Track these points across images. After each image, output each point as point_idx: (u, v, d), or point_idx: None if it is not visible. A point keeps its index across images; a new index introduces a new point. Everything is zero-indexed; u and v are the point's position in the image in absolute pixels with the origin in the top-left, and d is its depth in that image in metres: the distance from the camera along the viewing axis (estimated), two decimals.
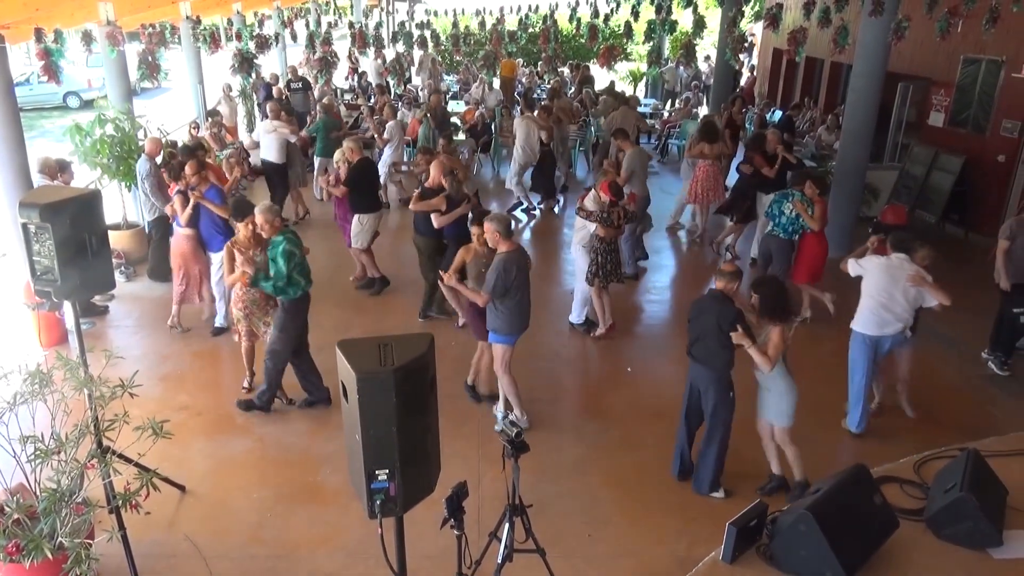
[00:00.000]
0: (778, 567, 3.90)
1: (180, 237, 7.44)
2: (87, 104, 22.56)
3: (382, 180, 10.78)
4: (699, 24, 9.87)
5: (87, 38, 7.79)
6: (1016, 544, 4.21)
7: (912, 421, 6.29)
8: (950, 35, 8.95)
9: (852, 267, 6.06)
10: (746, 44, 9.47)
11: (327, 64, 11.85)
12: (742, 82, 19.75)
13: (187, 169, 7.26)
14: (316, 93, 15.52)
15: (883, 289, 5.77)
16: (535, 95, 14.67)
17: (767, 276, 5.66)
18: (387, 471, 2.59)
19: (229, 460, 5.69)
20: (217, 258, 7.31)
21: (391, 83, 17.39)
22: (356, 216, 8.34)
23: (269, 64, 17.76)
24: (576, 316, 7.95)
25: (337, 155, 8.67)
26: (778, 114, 14.82)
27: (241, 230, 6.11)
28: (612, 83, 17.90)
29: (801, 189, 7.70)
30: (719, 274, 5.21)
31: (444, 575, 3.92)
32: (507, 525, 3.77)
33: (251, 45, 10.08)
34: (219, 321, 7.66)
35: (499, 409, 6.10)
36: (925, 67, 11.97)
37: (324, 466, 5.55)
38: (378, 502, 2.61)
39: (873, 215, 10.46)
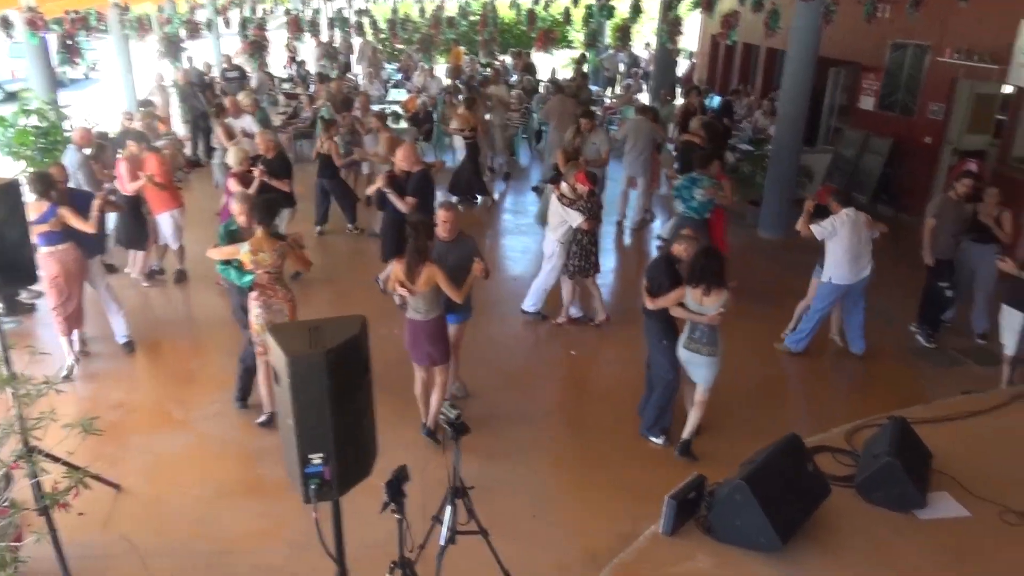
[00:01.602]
0: (716, 537, 4.00)
1: (61, 252, 6.14)
2: (11, 96, 21.63)
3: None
4: (635, 9, 9.96)
5: (5, 24, 7.48)
6: (939, 505, 4.41)
7: (844, 392, 6.51)
8: (877, 20, 9.23)
9: (819, 231, 6.54)
10: (681, 29, 9.57)
11: (259, 48, 11.57)
12: (681, 70, 20.03)
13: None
14: (253, 82, 15.21)
15: (854, 240, 6.52)
16: (476, 83, 14.61)
17: (710, 246, 5.81)
18: (322, 455, 2.56)
19: (167, 457, 5.56)
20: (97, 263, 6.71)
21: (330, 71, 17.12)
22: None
23: (204, 53, 17.35)
24: (532, 304, 7.81)
25: (233, 156, 7.85)
26: (717, 100, 15.06)
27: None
28: (553, 70, 17.98)
29: (708, 172, 7.88)
30: (679, 237, 5.47)
31: (388, 562, 3.90)
32: (449, 507, 3.78)
33: (181, 31, 9.81)
34: (122, 337, 6.93)
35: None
36: (855, 52, 12.30)
37: (266, 459, 5.47)
38: (313, 487, 2.59)
39: (807, 196, 10.75)
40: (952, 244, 7.19)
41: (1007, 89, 10.10)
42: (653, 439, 5.69)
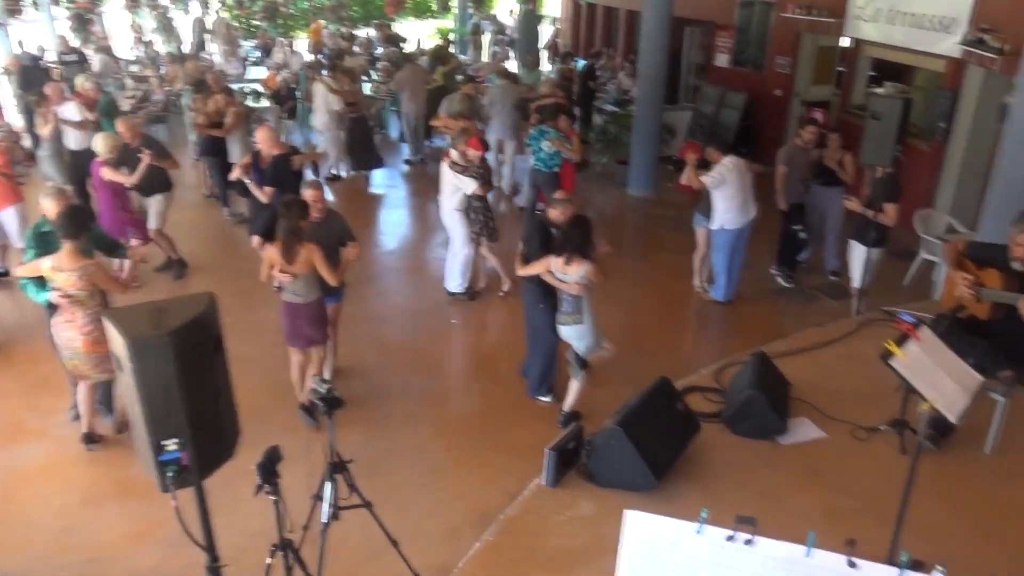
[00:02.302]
0: (597, 483, 4.14)
1: None
2: None
3: None
4: None
5: None
6: (799, 430, 4.73)
7: (712, 335, 6.81)
8: None
9: (709, 180, 6.72)
10: None
11: (82, 21, 10.68)
12: (547, 36, 20.19)
13: None
14: (95, 65, 14.16)
15: (741, 185, 6.79)
16: (332, 57, 14.20)
17: (581, 216, 5.90)
18: (177, 440, 2.44)
19: (25, 469, 5.17)
20: None
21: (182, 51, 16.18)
22: (154, 197, 7.71)
23: (37, 36, 15.99)
24: (458, 284, 7.55)
25: (101, 143, 7.19)
26: (581, 63, 15.28)
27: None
28: (419, 41, 17.71)
29: (555, 125, 8.05)
30: (554, 202, 5.48)
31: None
32: (328, 484, 3.71)
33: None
34: None
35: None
36: (708, 11, 12.77)
37: (136, 459, 5.17)
38: (170, 474, 2.47)
39: (672, 153, 11.15)
40: (802, 189, 7.64)
41: (844, 42, 10.76)
42: (541, 398, 5.76)
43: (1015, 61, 5.54)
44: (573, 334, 5.11)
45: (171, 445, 2.45)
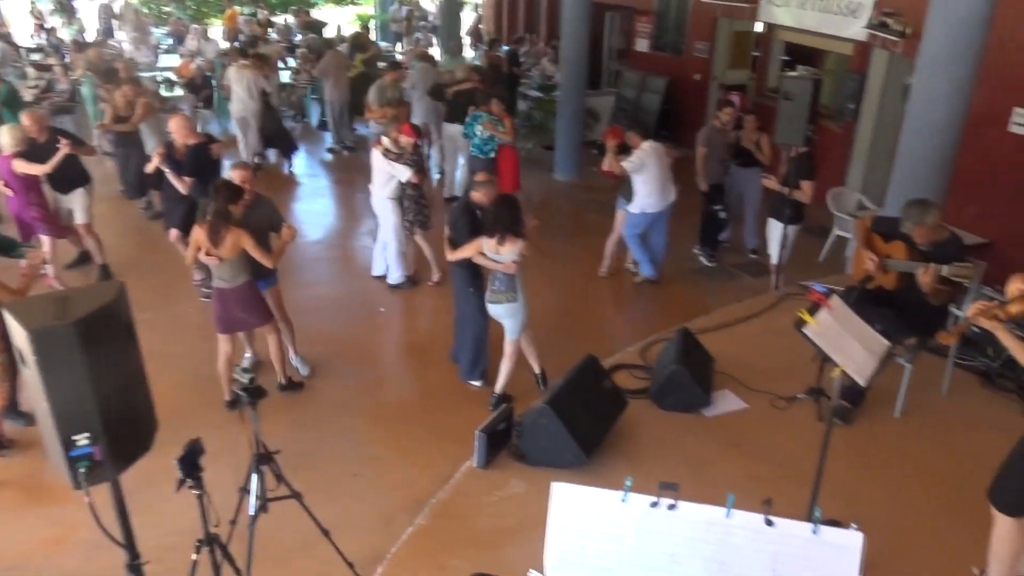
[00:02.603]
0: (528, 462, 4.18)
1: None
2: None
3: None
4: None
5: None
6: (722, 402, 4.87)
7: (639, 314, 6.93)
8: None
9: (629, 165, 6.78)
10: None
11: None
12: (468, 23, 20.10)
13: None
14: None
15: (660, 169, 6.88)
16: (245, 44, 13.81)
17: (506, 195, 5.91)
18: (88, 434, 2.35)
19: None
20: None
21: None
22: (75, 192, 7.32)
23: None
24: (398, 275, 7.42)
25: (6, 136, 6.75)
26: (504, 49, 15.27)
27: None
28: (339, 27, 17.37)
29: (488, 109, 8.08)
30: (475, 184, 5.49)
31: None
32: (255, 475, 3.63)
33: None
34: None
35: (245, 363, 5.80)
36: None
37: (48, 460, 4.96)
38: (82, 470, 2.37)
39: (596, 138, 11.28)
40: (721, 169, 7.84)
41: (759, 27, 11.06)
42: (473, 383, 5.76)
43: (916, 43, 5.80)
44: (507, 312, 5.14)
45: (82, 440, 2.35)
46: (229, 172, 5.42)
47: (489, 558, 3.64)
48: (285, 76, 13.95)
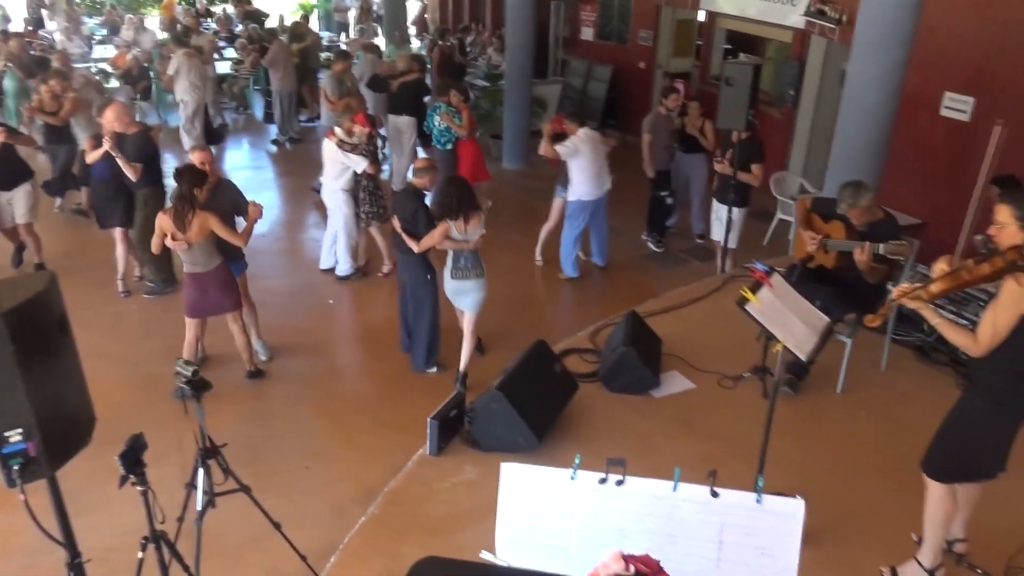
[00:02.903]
0: (481, 448, 4.18)
1: None
2: None
3: None
4: None
5: None
6: (671, 383, 4.95)
7: (588, 301, 6.97)
8: None
9: (563, 151, 6.80)
10: None
11: None
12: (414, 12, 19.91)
13: None
14: None
15: (595, 156, 6.90)
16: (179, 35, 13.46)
17: (454, 176, 5.91)
18: (20, 431, 2.27)
19: None
20: None
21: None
22: (19, 189, 7.01)
23: None
24: (346, 267, 7.33)
25: None
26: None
27: None
28: (281, 17, 17.04)
29: (447, 100, 8.06)
30: (414, 171, 5.50)
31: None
32: (201, 470, 3.56)
33: None
34: None
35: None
36: None
37: None
38: (16, 467, 2.29)
39: (543, 127, 11.29)
40: (667, 156, 7.94)
41: (701, 15, 11.21)
42: (429, 371, 5.72)
43: (852, 30, 5.95)
44: (476, 287, 5.24)
45: (14, 436, 2.27)
46: (189, 156, 5.32)
47: (443, 543, 3.63)
48: (223, 67, 13.65)
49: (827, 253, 4.79)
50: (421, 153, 9.46)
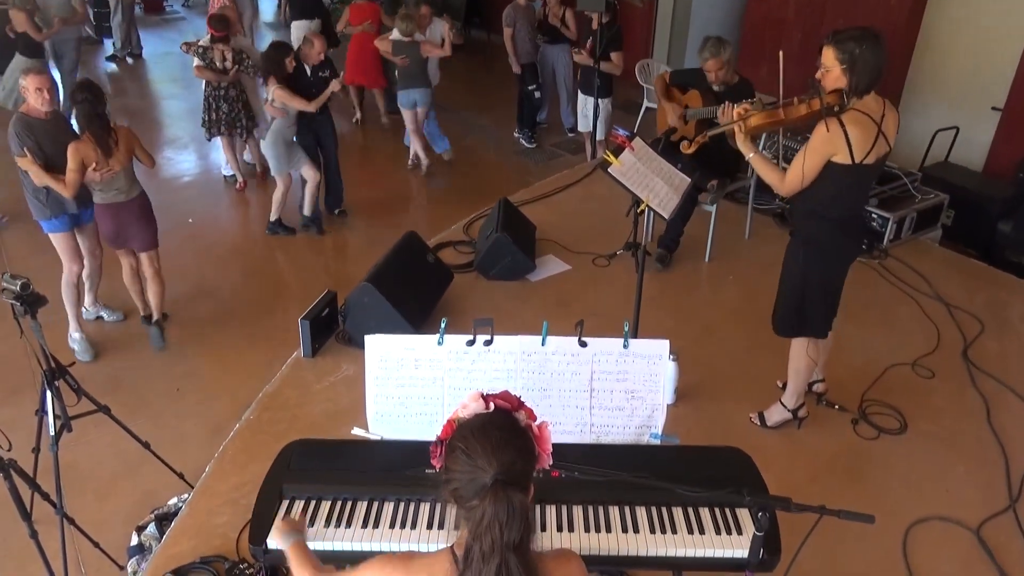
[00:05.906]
0: (357, 344, 4.06)
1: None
2: None
3: None
4: None
5: None
6: (545, 267, 4.96)
7: (460, 198, 6.80)
8: None
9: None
10: None
11: None
12: None
13: None
14: None
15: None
16: None
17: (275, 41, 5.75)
18: None
19: None
20: None
21: None
22: None
23: None
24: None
25: None
26: None
27: None
28: None
29: None
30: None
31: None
32: (48, 392, 3.26)
33: None
34: None
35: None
36: None
37: None
38: None
39: None
40: (531, 48, 7.76)
41: None
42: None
43: None
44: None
45: None
46: (30, 77, 4.47)
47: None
48: None
49: (688, 124, 4.84)
50: None
